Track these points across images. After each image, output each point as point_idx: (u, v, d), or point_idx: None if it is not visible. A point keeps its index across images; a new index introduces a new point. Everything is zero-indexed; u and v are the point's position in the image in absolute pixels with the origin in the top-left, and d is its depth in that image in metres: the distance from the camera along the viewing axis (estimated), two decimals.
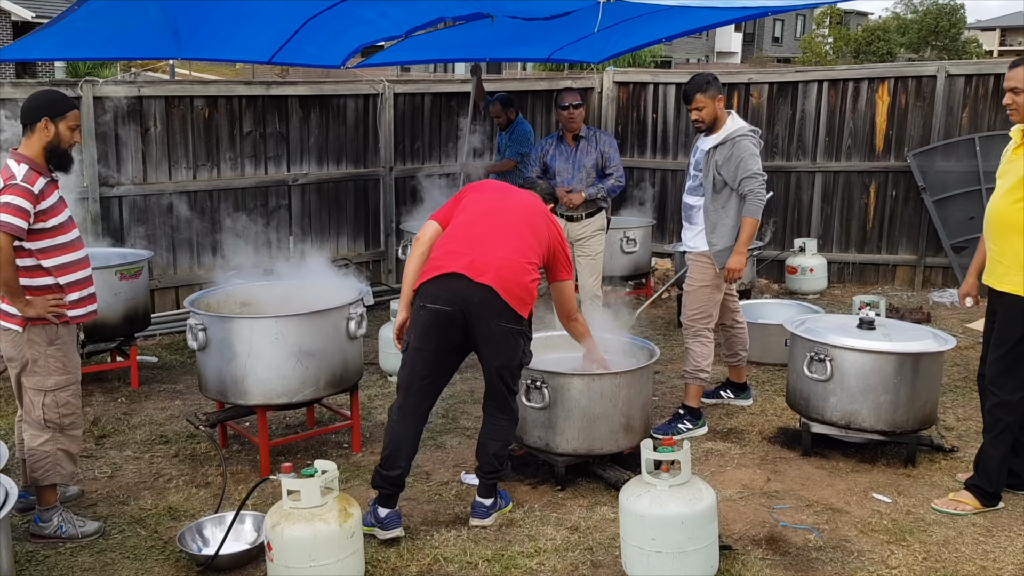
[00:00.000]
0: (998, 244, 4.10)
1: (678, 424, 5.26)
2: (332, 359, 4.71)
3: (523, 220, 4.09)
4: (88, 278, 4.14)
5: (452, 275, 3.87)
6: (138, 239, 7.54)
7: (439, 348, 3.97)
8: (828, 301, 8.53)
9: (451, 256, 3.92)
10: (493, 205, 4.12)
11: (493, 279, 3.86)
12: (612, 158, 6.31)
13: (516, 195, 4.24)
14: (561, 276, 4.27)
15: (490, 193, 4.23)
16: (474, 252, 3.91)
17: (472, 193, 4.21)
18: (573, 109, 6.23)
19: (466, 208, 4.11)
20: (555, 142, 6.38)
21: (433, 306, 3.90)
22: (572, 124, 6.25)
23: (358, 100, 8.41)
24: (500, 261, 3.90)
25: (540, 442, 4.55)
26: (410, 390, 4.02)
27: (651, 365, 4.66)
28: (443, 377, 4.09)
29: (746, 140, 5.10)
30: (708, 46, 55.93)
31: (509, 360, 4.01)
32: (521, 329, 3.99)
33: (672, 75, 9.74)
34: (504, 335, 3.94)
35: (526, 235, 4.05)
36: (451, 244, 3.98)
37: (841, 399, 4.70)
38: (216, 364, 4.64)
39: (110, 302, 5.85)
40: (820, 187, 9.11)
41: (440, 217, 4.16)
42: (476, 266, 3.88)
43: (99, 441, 5.29)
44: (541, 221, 4.16)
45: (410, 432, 4.04)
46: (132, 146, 7.46)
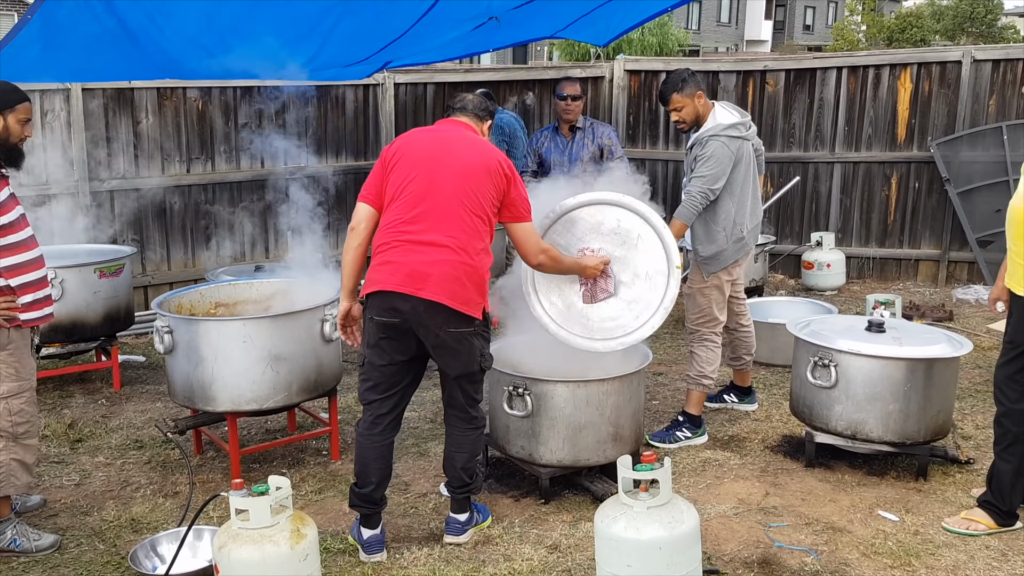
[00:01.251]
0: (1017, 244, 3.77)
1: (676, 432, 4.97)
2: (305, 363, 4.47)
3: (462, 193, 3.63)
4: (43, 279, 3.92)
5: (391, 293, 3.60)
6: (130, 234, 7.36)
7: (395, 360, 3.72)
8: (846, 298, 8.18)
9: (388, 269, 3.61)
10: (426, 179, 3.64)
11: (434, 290, 3.56)
12: (614, 150, 6.02)
13: (450, 155, 3.69)
14: (515, 218, 3.81)
15: (420, 161, 3.68)
16: (411, 259, 3.58)
17: (401, 161, 3.70)
18: (572, 100, 5.95)
19: (397, 186, 3.68)
20: (550, 134, 6.10)
21: (380, 319, 3.65)
22: (569, 115, 5.98)
23: (357, 90, 8.17)
24: (440, 266, 3.57)
25: (523, 452, 4.28)
26: (372, 405, 3.78)
27: (642, 371, 4.37)
28: (407, 388, 3.84)
29: (715, 142, 4.71)
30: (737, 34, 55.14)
31: (467, 367, 3.73)
32: (474, 331, 3.70)
33: (685, 63, 9.39)
34: (456, 340, 3.66)
35: (467, 214, 3.63)
36: (387, 251, 3.64)
37: (847, 407, 4.38)
38: (183, 369, 4.42)
39: (89, 301, 5.68)
40: (839, 178, 8.74)
41: (371, 196, 3.76)
42: (415, 279, 3.56)
43: (74, 445, 5.10)
44: (482, 177, 3.66)
45: (377, 447, 3.79)
46: (123, 139, 7.27)
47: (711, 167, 4.70)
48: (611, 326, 4.29)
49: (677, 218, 4.73)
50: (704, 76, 9.10)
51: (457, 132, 3.83)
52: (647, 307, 4.27)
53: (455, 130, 3.85)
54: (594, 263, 4.20)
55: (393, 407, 3.81)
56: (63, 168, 7.02)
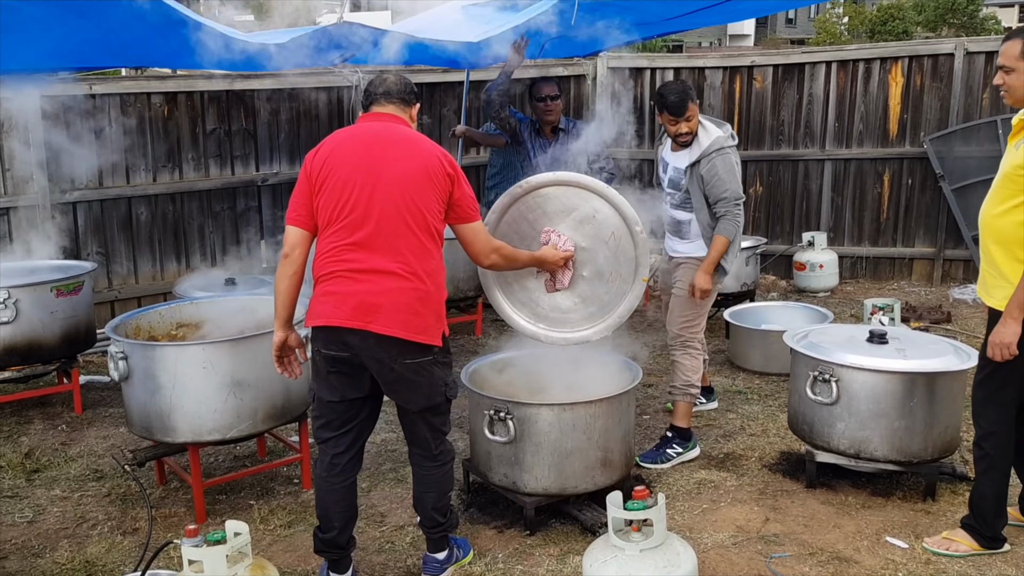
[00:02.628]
0: (984, 253, 3.54)
1: (667, 449, 4.71)
2: (271, 389, 4.17)
3: (403, 209, 3.26)
4: None
5: (339, 328, 3.28)
6: (95, 247, 7.04)
7: (346, 396, 3.41)
8: (840, 299, 7.94)
9: (332, 300, 3.29)
10: (365, 198, 3.24)
11: (385, 322, 3.24)
12: (599, 151, 5.71)
13: (385, 163, 3.28)
14: (461, 218, 3.48)
15: (353, 176, 3.26)
16: (357, 289, 3.26)
17: (331, 178, 3.27)
18: (551, 101, 5.65)
19: (332, 208, 3.28)
20: (531, 128, 5.78)
21: (328, 352, 3.34)
22: (549, 116, 5.68)
23: (331, 92, 7.86)
24: (388, 295, 3.25)
25: (506, 480, 4.00)
26: (326, 443, 3.48)
27: (632, 390, 4.10)
28: (364, 422, 3.52)
29: (727, 155, 4.60)
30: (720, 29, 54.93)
31: (429, 399, 3.42)
32: (433, 359, 3.37)
33: (671, 59, 9.13)
34: (414, 372, 3.34)
35: (413, 232, 3.27)
36: (329, 281, 3.31)
37: (849, 425, 4.12)
38: (139, 397, 4.12)
39: (46, 321, 5.36)
40: (830, 176, 8.50)
41: (302, 218, 3.35)
42: (363, 311, 3.24)
43: (30, 477, 4.79)
44: (421, 184, 3.29)
45: (337, 488, 3.48)
46: (85, 148, 6.93)
47: (733, 179, 4.61)
48: (557, 317, 4.09)
49: (722, 235, 4.61)
50: (691, 73, 8.85)
51: (388, 131, 3.35)
52: (601, 309, 4.04)
53: (385, 129, 3.36)
54: (554, 257, 3.93)
55: (350, 444, 3.49)
56: (23, 179, 6.69)
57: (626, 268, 4.01)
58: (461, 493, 4.34)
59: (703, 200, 4.66)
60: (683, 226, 4.83)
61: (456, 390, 3.54)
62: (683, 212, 4.81)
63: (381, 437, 5.09)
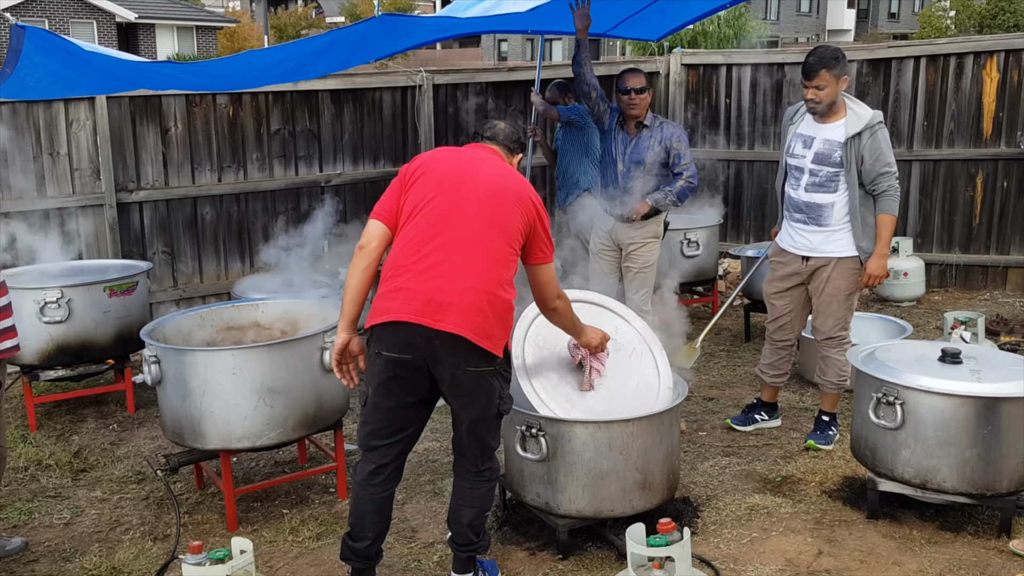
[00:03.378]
0: None
1: (828, 431, 4.87)
2: (303, 397, 4.07)
3: (489, 215, 3.22)
4: (6, 307, 3.60)
5: (406, 323, 3.14)
6: (160, 247, 7.11)
7: (403, 402, 3.27)
8: (925, 310, 7.46)
9: (402, 295, 3.16)
10: (450, 197, 3.23)
11: (455, 321, 3.11)
12: (682, 154, 5.33)
13: (475, 176, 3.30)
14: (537, 259, 3.39)
15: (445, 178, 3.28)
16: (429, 286, 3.14)
17: (421, 180, 3.29)
18: (636, 94, 5.29)
19: (416, 209, 3.24)
20: (616, 123, 5.47)
21: (390, 355, 3.18)
22: (633, 110, 5.31)
23: (395, 93, 7.77)
24: (462, 295, 3.13)
25: (539, 500, 3.81)
26: (373, 452, 3.34)
27: (676, 408, 3.85)
28: (412, 433, 3.38)
29: (883, 129, 4.54)
30: (819, 24, 53.38)
31: (484, 410, 3.27)
32: (495, 370, 3.24)
33: (747, 55, 8.76)
34: (475, 380, 3.20)
35: (494, 239, 3.21)
36: (400, 276, 3.20)
37: (915, 452, 3.78)
38: (171, 402, 4.07)
39: (99, 321, 5.39)
40: (918, 178, 8.00)
41: (385, 214, 3.31)
42: (432, 308, 3.12)
43: (76, 476, 4.82)
44: (510, 203, 3.26)
45: (376, 499, 3.36)
46: (151, 148, 7.01)
47: (890, 155, 4.52)
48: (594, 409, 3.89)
49: (889, 212, 4.52)
50: (769, 69, 8.47)
51: (486, 155, 3.46)
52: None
53: (484, 153, 3.47)
54: (597, 335, 3.78)
55: (397, 455, 3.37)
56: (90, 179, 6.80)
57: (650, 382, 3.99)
58: (496, 510, 4.16)
59: (856, 176, 4.49)
60: (822, 211, 4.60)
61: (510, 405, 3.38)
62: (822, 194, 4.58)
63: (424, 446, 4.95)
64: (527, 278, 3.46)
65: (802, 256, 4.74)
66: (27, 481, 4.76)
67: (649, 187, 5.34)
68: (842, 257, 4.63)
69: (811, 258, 4.70)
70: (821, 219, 4.63)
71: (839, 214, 4.60)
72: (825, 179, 4.58)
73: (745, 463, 4.67)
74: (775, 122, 8.46)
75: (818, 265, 4.69)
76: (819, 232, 4.66)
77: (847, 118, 4.53)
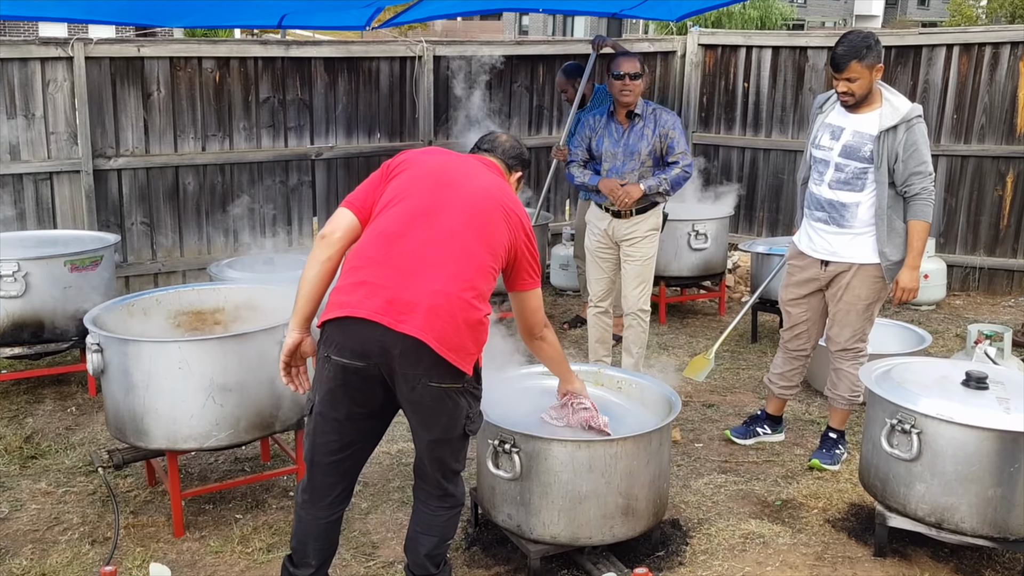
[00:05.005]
0: None
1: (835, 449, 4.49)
2: (258, 396, 3.71)
3: (473, 222, 2.89)
4: None
5: (363, 321, 2.76)
6: (139, 217, 6.76)
7: (353, 414, 2.89)
8: (945, 315, 7.03)
9: (363, 290, 2.78)
10: (430, 198, 2.91)
11: (420, 326, 2.73)
12: (676, 142, 4.95)
13: (464, 178, 3.01)
14: (523, 285, 3.12)
15: (429, 176, 2.99)
16: (396, 284, 2.77)
17: (404, 173, 2.98)
18: (630, 80, 4.90)
19: (394, 200, 2.90)
20: (604, 119, 5.09)
21: (340, 360, 2.80)
22: (626, 97, 4.92)
23: (393, 63, 7.35)
24: (432, 297, 2.75)
25: (510, 522, 3.44)
26: (317, 467, 2.97)
27: (665, 427, 3.47)
28: (363, 448, 3.02)
29: (922, 124, 4.09)
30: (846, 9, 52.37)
31: (447, 431, 2.89)
32: (462, 387, 2.86)
33: (769, 37, 8.28)
34: (437, 398, 2.82)
35: (476, 246, 2.87)
36: (365, 267, 2.82)
37: (932, 488, 3.39)
38: (114, 395, 3.71)
39: (58, 297, 5.04)
40: (943, 174, 7.53)
41: (358, 204, 2.97)
42: (396, 307, 2.74)
43: (25, 464, 4.49)
44: (498, 215, 2.96)
45: (320, 522, 3.00)
46: (132, 113, 6.64)
47: (927, 154, 4.09)
48: None
49: (922, 219, 4.10)
50: (791, 52, 8.01)
51: (482, 165, 3.15)
52: None
53: (480, 163, 3.16)
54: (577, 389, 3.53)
55: (345, 473, 3.00)
56: (66, 144, 6.44)
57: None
58: (467, 526, 3.81)
59: (887, 174, 4.06)
60: (845, 211, 4.19)
61: (478, 425, 3.00)
62: (848, 192, 4.17)
63: (397, 447, 4.58)
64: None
65: (821, 260, 4.33)
66: None
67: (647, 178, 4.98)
68: (864, 263, 4.21)
69: (830, 263, 4.29)
70: (844, 220, 4.22)
71: (864, 215, 4.19)
72: (852, 175, 4.16)
73: (743, 482, 4.29)
74: (795, 109, 8.01)
75: (837, 271, 4.28)
76: (841, 234, 4.25)
77: (882, 109, 4.10)
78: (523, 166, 3.30)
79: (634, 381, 3.90)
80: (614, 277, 5.23)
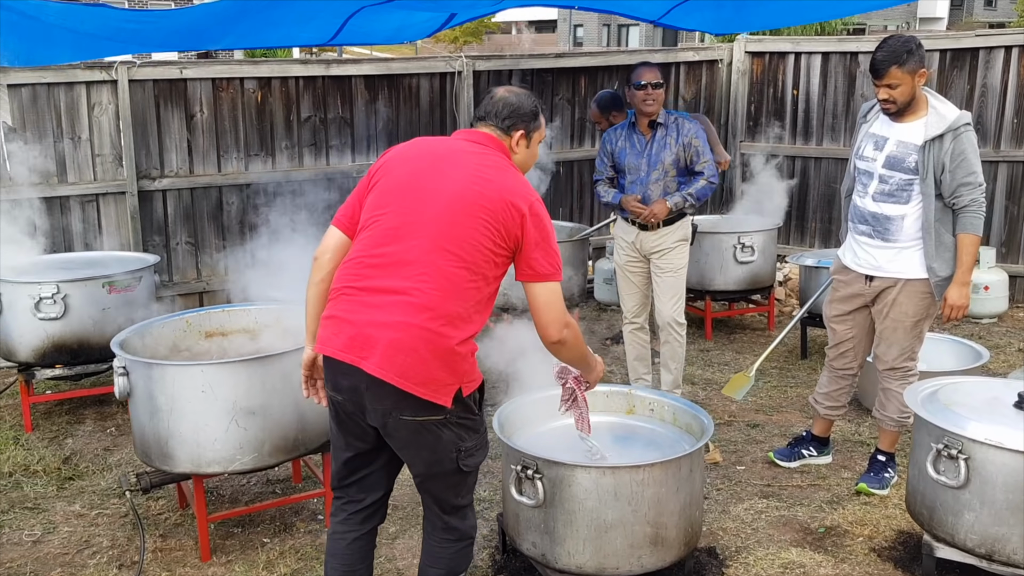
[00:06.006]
0: None
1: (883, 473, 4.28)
2: (281, 419, 3.67)
3: (442, 235, 2.67)
4: None
5: (330, 360, 2.72)
6: (184, 236, 6.83)
7: (355, 448, 2.84)
8: (1008, 328, 6.73)
9: (331, 324, 2.72)
10: (399, 216, 2.71)
11: (379, 363, 2.61)
12: (701, 152, 4.85)
13: (440, 179, 2.73)
14: (528, 275, 2.74)
15: (400, 188, 2.76)
16: (359, 317, 2.67)
17: (379, 184, 2.81)
18: (652, 89, 4.81)
19: (367, 222, 2.77)
20: (626, 132, 5.00)
21: (330, 393, 2.80)
22: (648, 107, 4.83)
23: (433, 79, 7.32)
24: (393, 331, 2.62)
25: (535, 551, 3.34)
26: (340, 490, 2.93)
27: (695, 453, 3.33)
28: (384, 470, 2.93)
29: (971, 132, 3.92)
30: (909, 12, 51.10)
31: (431, 466, 2.76)
32: (443, 420, 2.69)
33: (818, 43, 8.04)
34: (413, 431, 2.68)
35: (447, 263, 2.65)
36: (334, 299, 2.75)
37: (981, 517, 3.19)
38: (140, 418, 3.72)
39: (96, 318, 5.08)
40: (1004, 181, 7.23)
41: (345, 220, 2.88)
42: (358, 343, 2.65)
43: (62, 485, 4.53)
44: (476, 217, 2.67)
45: (350, 554, 2.92)
46: (176, 134, 6.71)
47: (977, 163, 3.92)
48: None
49: (972, 232, 3.94)
50: (841, 58, 7.78)
51: (469, 146, 2.84)
52: None
53: (466, 145, 2.85)
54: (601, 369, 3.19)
55: (369, 488, 2.92)
56: (112, 166, 6.53)
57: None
58: (495, 552, 3.71)
59: (934, 186, 3.88)
60: (890, 224, 4.02)
61: (478, 458, 2.81)
62: (892, 204, 4.01)
63: None
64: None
65: (865, 275, 4.14)
66: (9, 488, 4.48)
67: (671, 190, 4.88)
68: (911, 279, 4.02)
69: (875, 278, 4.10)
70: (888, 233, 4.04)
71: (910, 229, 4.00)
72: (896, 187, 3.99)
73: (785, 507, 4.12)
74: (846, 116, 7.77)
75: (883, 287, 4.09)
76: (885, 248, 4.06)
77: (928, 117, 3.92)
78: (524, 120, 2.86)
79: (666, 403, 3.77)
80: (646, 291, 5.11)
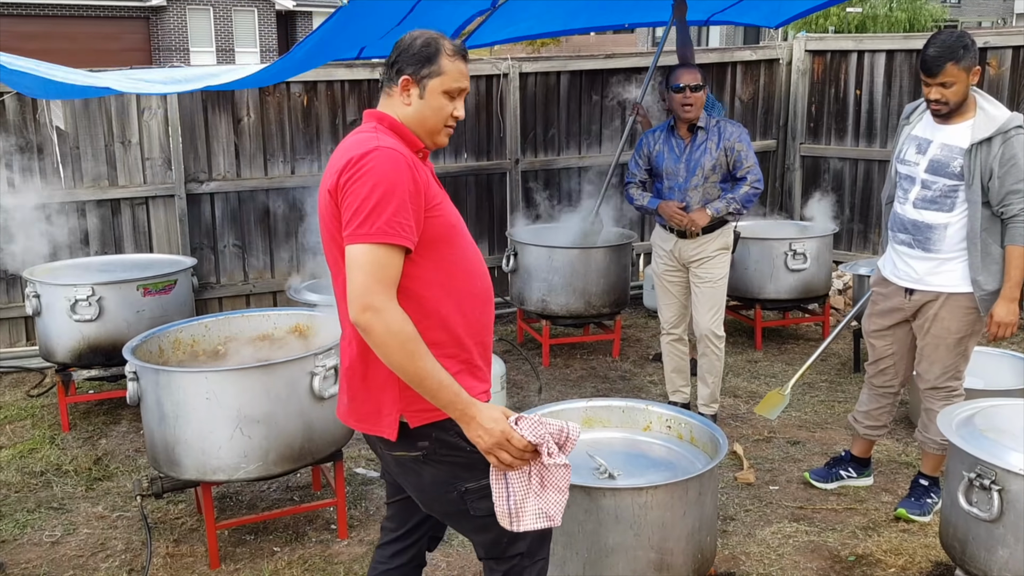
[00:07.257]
0: None
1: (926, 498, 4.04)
2: (287, 427, 3.62)
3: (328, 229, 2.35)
4: None
5: None
6: (232, 240, 6.89)
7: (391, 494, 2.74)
8: None
9: None
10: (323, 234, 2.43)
11: (344, 408, 2.51)
12: (744, 156, 4.65)
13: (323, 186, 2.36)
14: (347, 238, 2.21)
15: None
16: None
17: None
18: (691, 92, 4.62)
19: None
20: (664, 134, 4.82)
21: None
22: (688, 112, 4.64)
23: (479, 82, 7.23)
24: (343, 355, 2.49)
25: None
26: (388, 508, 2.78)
27: (707, 475, 3.15)
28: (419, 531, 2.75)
29: (1022, 135, 3.61)
30: (1006, 8, 49.07)
31: (430, 507, 2.51)
32: (423, 456, 2.37)
33: (882, 41, 7.69)
34: (400, 467, 2.48)
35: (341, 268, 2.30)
36: None
37: (1016, 554, 2.94)
38: (149, 424, 3.71)
39: (131, 321, 5.13)
40: None
41: None
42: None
43: (90, 487, 4.58)
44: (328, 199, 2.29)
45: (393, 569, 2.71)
46: (223, 139, 6.77)
47: None
48: None
49: (1020, 244, 3.62)
50: (907, 56, 7.43)
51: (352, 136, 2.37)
52: None
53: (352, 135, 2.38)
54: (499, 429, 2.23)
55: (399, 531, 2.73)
56: (161, 169, 6.63)
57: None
58: None
59: (980, 193, 3.62)
60: (932, 233, 3.76)
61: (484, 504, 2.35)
62: (935, 212, 3.75)
63: None
64: None
65: (905, 288, 3.89)
66: (39, 488, 4.55)
67: (711, 196, 4.66)
68: (953, 293, 3.75)
69: (915, 291, 3.85)
70: (930, 243, 3.78)
71: (954, 238, 3.73)
72: (939, 194, 3.73)
73: (816, 532, 3.89)
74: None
75: (924, 300, 3.83)
76: (926, 259, 3.80)
77: (975, 119, 3.66)
78: (412, 62, 2.33)
79: (683, 420, 3.59)
80: (685, 301, 4.92)
